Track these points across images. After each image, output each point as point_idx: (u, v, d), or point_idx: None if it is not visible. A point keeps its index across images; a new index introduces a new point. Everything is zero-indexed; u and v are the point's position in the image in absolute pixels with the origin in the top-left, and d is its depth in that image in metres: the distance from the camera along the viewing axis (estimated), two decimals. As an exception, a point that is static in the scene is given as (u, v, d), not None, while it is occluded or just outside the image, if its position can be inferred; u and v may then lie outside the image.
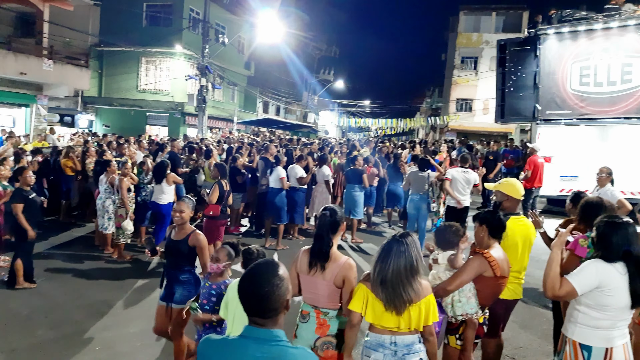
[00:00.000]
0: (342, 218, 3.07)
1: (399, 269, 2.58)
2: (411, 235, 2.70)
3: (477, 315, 3.23)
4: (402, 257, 2.59)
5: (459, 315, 3.22)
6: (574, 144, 11.36)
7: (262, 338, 1.68)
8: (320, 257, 2.95)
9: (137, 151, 11.23)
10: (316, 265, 2.96)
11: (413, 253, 2.62)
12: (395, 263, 2.58)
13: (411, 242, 2.64)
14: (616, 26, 11.08)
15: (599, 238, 2.82)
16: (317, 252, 2.97)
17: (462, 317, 3.22)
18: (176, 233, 4.15)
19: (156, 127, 25.80)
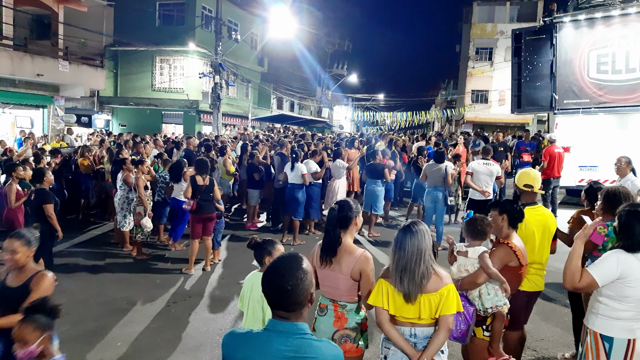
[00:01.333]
0: (355, 212, 3.06)
1: (414, 254, 2.58)
2: (421, 223, 2.70)
3: (506, 306, 3.21)
4: (415, 243, 2.60)
5: (489, 308, 3.18)
6: (592, 133, 11.16)
7: (286, 331, 1.69)
8: (327, 251, 2.97)
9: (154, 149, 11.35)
10: (325, 260, 2.97)
11: (425, 237, 2.62)
12: (410, 249, 2.59)
13: (422, 229, 2.65)
14: (634, 12, 10.82)
15: (621, 227, 2.77)
16: (325, 246, 2.99)
17: (491, 309, 3.18)
18: (13, 278, 3.17)
19: (172, 125, 26.05)
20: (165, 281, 6.47)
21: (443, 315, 2.61)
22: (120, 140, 13.44)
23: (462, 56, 37.09)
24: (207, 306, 5.65)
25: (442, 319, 2.62)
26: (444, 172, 8.00)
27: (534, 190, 3.96)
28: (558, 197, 10.62)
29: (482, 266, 3.18)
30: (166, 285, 6.29)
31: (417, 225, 2.67)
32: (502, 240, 3.32)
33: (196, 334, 4.93)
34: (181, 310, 5.53)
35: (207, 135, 17.34)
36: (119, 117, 26.12)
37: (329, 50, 42.83)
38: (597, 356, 2.75)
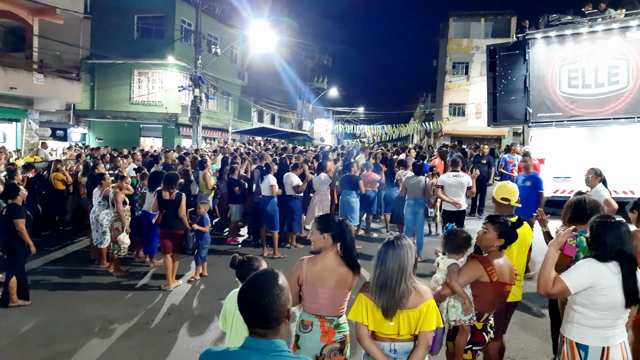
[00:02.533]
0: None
1: (395, 270, 2.58)
2: (405, 238, 2.70)
3: (471, 322, 3.21)
4: (397, 258, 2.60)
5: (452, 320, 3.20)
6: (565, 145, 11.47)
7: (263, 349, 1.68)
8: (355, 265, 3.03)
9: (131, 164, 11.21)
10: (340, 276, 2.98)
11: (408, 255, 2.62)
12: (392, 264, 2.59)
13: (406, 244, 2.65)
14: (601, 30, 11.25)
15: (593, 238, 2.85)
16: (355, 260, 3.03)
17: (454, 322, 3.20)
18: None
19: (150, 138, 25.76)
20: (144, 298, 6.36)
21: (422, 332, 2.61)
22: (97, 154, 13.24)
23: (439, 70, 37.83)
24: (186, 323, 5.56)
25: (422, 335, 2.61)
26: (424, 184, 8.10)
27: (511, 204, 4.04)
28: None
29: (447, 278, 3.22)
30: (144, 303, 6.18)
31: (401, 240, 2.67)
32: (475, 255, 3.35)
33: (176, 352, 4.85)
34: (160, 328, 5.43)
35: (187, 148, 17.20)
36: (95, 131, 25.73)
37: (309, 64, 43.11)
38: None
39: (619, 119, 11.05)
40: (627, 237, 2.76)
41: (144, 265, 7.84)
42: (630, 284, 2.68)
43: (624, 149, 10.75)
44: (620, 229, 2.77)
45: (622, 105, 11.01)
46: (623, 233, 2.76)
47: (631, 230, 2.93)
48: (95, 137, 25.49)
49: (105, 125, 25.39)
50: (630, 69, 10.89)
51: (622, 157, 10.60)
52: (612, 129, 11.17)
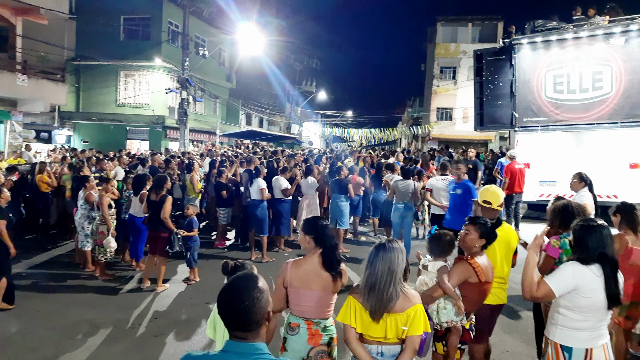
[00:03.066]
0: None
1: (385, 273, 2.60)
2: (397, 242, 2.73)
3: (462, 322, 3.26)
4: (388, 261, 2.62)
5: (444, 322, 3.24)
6: (550, 149, 11.62)
7: (244, 352, 1.67)
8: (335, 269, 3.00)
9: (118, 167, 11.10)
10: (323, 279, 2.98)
11: (399, 259, 2.64)
12: (382, 268, 2.61)
13: (397, 247, 2.67)
14: (585, 36, 11.44)
15: (576, 241, 2.90)
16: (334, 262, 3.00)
17: (447, 324, 3.24)
18: None
19: (137, 141, 25.51)
20: (130, 302, 6.29)
21: (410, 336, 2.62)
22: (83, 157, 13.09)
23: (427, 75, 38.08)
24: (174, 328, 5.51)
25: (409, 339, 2.63)
26: (413, 188, 8.15)
27: (493, 207, 4.07)
28: (522, 212, 10.96)
29: (438, 281, 3.25)
30: (130, 307, 6.11)
31: (392, 244, 2.69)
32: (463, 256, 3.40)
33: (162, 357, 4.80)
34: (146, 332, 5.38)
35: (174, 151, 17.09)
36: (81, 133, 25.43)
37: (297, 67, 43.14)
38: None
39: (602, 124, 11.23)
40: (608, 241, 2.82)
41: (130, 269, 7.76)
42: (612, 286, 2.73)
43: (608, 154, 10.92)
44: (602, 233, 2.82)
45: (606, 110, 11.19)
46: (605, 236, 2.82)
47: (613, 234, 2.98)
48: (81, 139, 25.19)
49: (90, 127, 25.10)
50: (614, 75, 11.08)
51: (605, 161, 10.76)
52: (596, 134, 11.35)
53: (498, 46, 13.36)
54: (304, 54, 42.75)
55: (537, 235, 3.02)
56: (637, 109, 10.83)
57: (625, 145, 10.86)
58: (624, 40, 10.99)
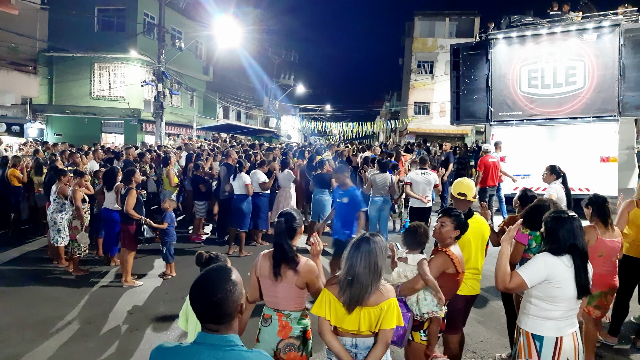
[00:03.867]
0: (299, 222, 3.12)
1: (364, 266, 2.60)
2: (379, 235, 2.73)
3: (442, 312, 3.32)
4: (368, 255, 2.62)
5: (425, 313, 3.28)
6: (525, 143, 11.83)
7: (216, 344, 1.66)
8: (288, 262, 2.95)
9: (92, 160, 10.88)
10: (282, 272, 2.95)
11: (379, 252, 2.65)
12: (362, 260, 2.61)
13: (379, 241, 2.68)
14: (559, 31, 11.65)
15: (547, 232, 2.96)
16: (281, 259, 2.96)
17: (427, 314, 3.28)
18: None
19: (112, 134, 25.05)
20: (105, 298, 6.19)
21: (382, 330, 2.63)
22: (55, 150, 12.78)
23: (404, 69, 38.32)
24: (149, 323, 5.45)
25: (381, 333, 2.64)
26: (390, 181, 8.21)
27: (467, 199, 4.14)
28: (495, 205, 11.15)
29: (420, 273, 3.29)
30: (105, 302, 6.02)
31: (374, 237, 2.69)
32: (441, 248, 3.45)
33: (138, 353, 4.74)
34: (122, 328, 5.30)
35: (150, 145, 16.83)
36: (54, 126, 24.82)
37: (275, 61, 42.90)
38: (529, 354, 2.90)
39: (575, 118, 11.48)
40: (579, 232, 2.88)
41: (105, 264, 7.63)
42: (582, 276, 2.81)
43: (580, 148, 11.17)
44: (572, 224, 2.89)
45: (579, 105, 11.44)
46: (575, 228, 2.88)
47: (585, 226, 3.05)
48: (54, 132, 24.60)
49: (64, 120, 24.52)
50: (587, 70, 11.32)
51: (578, 155, 11.01)
52: (569, 128, 11.59)
53: (474, 41, 13.51)
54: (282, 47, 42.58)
55: (511, 228, 3.08)
56: (608, 104, 11.09)
57: (596, 139, 11.12)
58: (597, 36, 11.23)
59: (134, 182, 6.86)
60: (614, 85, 10.99)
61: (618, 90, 10.92)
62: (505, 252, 3.00)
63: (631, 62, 10.86)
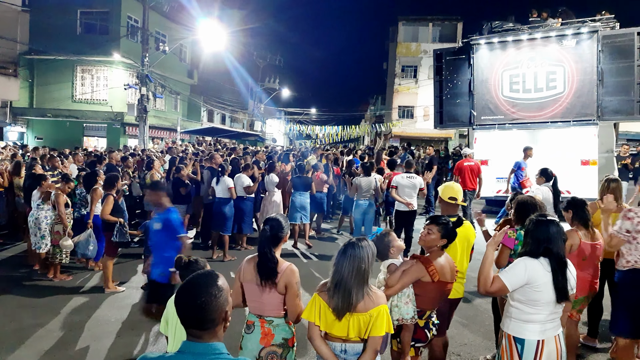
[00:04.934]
0: (285, 230, 3.08)
1: (352, 272, 2.60)
2: (366, 240, 2.72)
3: (414, 320, 3.25)
4: (356, 260, 2.62)
5: (395, 320, 3.22)
6: (507, 147, 11.97)
7: (200, 352, 1.63)
8: (269, 274, 2.93)
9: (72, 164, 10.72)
10: (267, 283, 2.93)
11: (367, 257, 2.64)
12: (349, 266, 2.60)
13: (366, 246, 2.67)
14: (540, 37, 11.87)
15: (525, 234, 3.02)
16: (264, 269, 2.94)
17: (397, 322, 3.23)
18: None
19: (94, 138, 24.76)
20: (87, 304, 6.09)
21: (372, 337, 2.62)
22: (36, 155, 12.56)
23: (389, 73, 38.54)
24: (130, 330, 5.37)
25: (371, 339, 2.63)
26: (374, 184, 8.25)
27: (457, 203, 4.18)
28: (478, 207, 11.27)
29: (386, 279, 3.28)
30: (87, 309, 5.92)
31: (362, 242, 2.68)
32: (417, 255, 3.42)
33: (121, 359, 4.67)
34: (104, 334, 5.22)
35: (134, 148, 16.65)
36: (35, 130, 24.41)
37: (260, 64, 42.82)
38: (510, 357, 2.93)
39: (556, 122, 11.69)
40: (556, 236, 2.89)
41: (87, 270, 7.51)
42: (560, 280, 2.83)
43: (561, 151, 11.36)
44: (549, 228, 2.91)
45: (559, 109, 11.65)
46: (552, 232, 2.89)
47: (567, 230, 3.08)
48: (35, 136, 24.19)
49: (45, 124, 24.14)
50: (566, 75, 11.54)
51: (558, 158, 11.19)
52: (549, 132, 11.79)
53: (457, 46, 13.67)
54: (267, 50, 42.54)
55: (497, 234, 3.11)
56: (587, 109, 11.32)
57: (577, 143, 11.32)
58: (576, 42, 11.46)
59: (115, 188, 6.75)
60: (592, 90, 11.22)
61: (597, 95, 11.15)
62: (489, 257, 3.03)
63: (609, 68, 11.10)
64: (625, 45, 10.94)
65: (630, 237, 3.81)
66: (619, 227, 3.86)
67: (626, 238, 3.82)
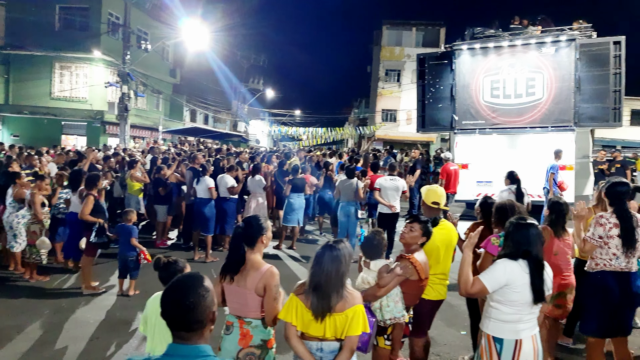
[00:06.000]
0: (263, 230, 3.05)
1: (331, 273, 2.63)
2: (344, 242, 2.76)
3: (404, 318, 3.37)
4: (334, 262, 2.64)
5: (388, 319, 3.34)
6: (487, 151, 12.19)
7: (187, 355, 1.62)
8: (229, 269, 2.97)
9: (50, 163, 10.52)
10: (225, 277, 2.97)
11: (344, 259, 2.67)
12: (327, 268, 2.63)
13: (343, 248, 2.70)
14: (520, 44, 12.10)
15: (505, 236, 3.09)
16: (227, 264, 3.00)
17: (390, 320, 3.34)
18: None
19: (73, 136, 24.31)
20: (64, 305, 5.98)
21: (348, 336, 2.66)
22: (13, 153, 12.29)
23: (372, 77, 38.79)
24: (110, 331, 5.30)
25: (347, 339, 2.67)
26: (355, 187, 8.30)
27: (440, 207, 4.24)
28: (457, 210, 11.42)
29: (378, 280, 3.34)
30: (65, 310, 5.82)
31: (339, 244, 2.71)
32: (405, 255, 3.51)
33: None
34: (81, 336, 5.13)
35: (115, 148, 16.41)
36: (10, 127, 23.86)
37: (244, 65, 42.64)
38: (490, 356, 2.99)
39: (534, 127, 11.92)
40: (534, 239, 2.97)
41: (66, 271, 7.38)
42: (537, 282, 2.91)
43: (539, 156, 11.57)
44: (528, 231, 2.99)
45: (538, 115, 11.89)
46: (531, 235, 2.98)
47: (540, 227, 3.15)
48: (10, 133, 23.65)
49: (21, 121, 23.61)
50: (545, 82, 11.79)
51: (537, 163, 11.40)
52: (529, 137, 12.02)
53: (440, 51, 13.83)
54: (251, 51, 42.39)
55: (472, 235, 3.18)
56: (565, 115, 11.57)
57: (554, 148, 11.55)
58: (555, 49, 11.71)
59: (97, 188, 6.64)
60: (570, 97, 11.47)
61: (574, 102, 11.41)
62: (468, 259, 3.09)
63: (586, 76, 11.38)
64: (601, 54, 11.22)
65: (602, 243, 3.91)
66: (591, 233, 3.96)
67: (598, 244, 3.92)
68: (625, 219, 3.86)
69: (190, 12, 23.22)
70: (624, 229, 3.83)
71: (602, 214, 4.00)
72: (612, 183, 4.05)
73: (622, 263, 3.88)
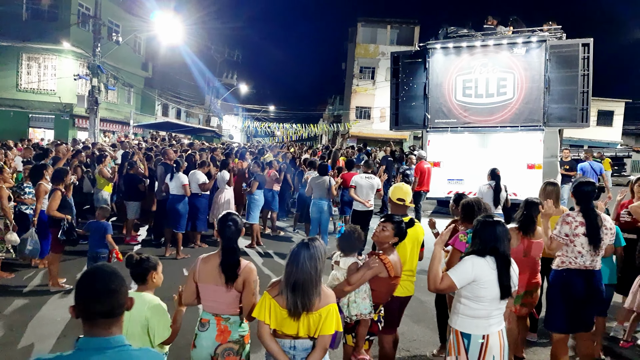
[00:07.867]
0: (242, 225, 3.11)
1: (308, 272, 2.62)
2: (319, 240, 2.77)
3: (371, 315, 3.40)
4: (311, 260, 2.64)
5: (354, 315, 3.37)
6: (459, 150, 12.38)
7: (102, 347, 1.58)
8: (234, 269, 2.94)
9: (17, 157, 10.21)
10: (232, 279, 2.93)
11: (319, 257, 2.68)
12: (305, 266, 2.63)
13: (318, 246, 2.71)
14: (492, 44, 12.32)
15: (473, 234, 3.16)
16: (229, 266, 2.94)
17: (356, 317, 3.37)
18: None
19: (41, 130, 23.59)
20: (30, 303, 5.83)
21: (321, 335, 2.67)
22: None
23: (347, 74, 38.92)
24: (78, 329, 5.14)
25: (320, 338, 2.68)
26: (328, 184, 8.33)
27: (405, 204, 4.29)
28: (429, 208, 11.59)
29: (347, 277, 3.38)
30: (31, 308, 5.67)
31: (315, 242, 2.72)
32: (376, 253, 3.55)
33: (65, 359, 4.50)
34: (47, 335, 5.01)
35: (84, 141, 16.02)
36: (-26, 119, 23.00)
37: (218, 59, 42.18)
38: (458, 352, 3.07)
39: (505, 127, 12.16)
40: (502, 236, 3.05)
41: (31, 268, 7.18)
42: (504, 278, 2.99)
43: (509, 155, 11.84)
44: (495, 228, 3.07)
45: (508, 114, 12.14)
46: (498, 232, 3.06)
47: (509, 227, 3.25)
48: (-26, 126, 22.79)
49: (-14, 113, 22.79)
50: (516, 82, 12.04)
51: (507, 162, 11.64)
52: (499, 136, 12.26)
53: (414, 49, 13.95)
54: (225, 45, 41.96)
55: (443, 232, 3.24)
56: (534, 115, 11.85)
57: (524, 148, 11.83)
58: (525, 50, 11.97)
59: (64, 183, 6.46)
60: (540, 97, 11.75)
61: (543, 102, 11.69)
62: (438, 255, 3.16)
63: (555, 77, 11.67)
64: (570, 56, 11.52)
65: (568, 241, 4.03)
66: (558, 231, 4.08)
67: (564, 242, 4.04)
68: (591, 217, 3.98)
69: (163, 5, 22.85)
70: (590, 227, 3.95)
71: (569, 213, 4.12)
72: (578, 182, 4.16)
73: (587, 261, 4.01)
